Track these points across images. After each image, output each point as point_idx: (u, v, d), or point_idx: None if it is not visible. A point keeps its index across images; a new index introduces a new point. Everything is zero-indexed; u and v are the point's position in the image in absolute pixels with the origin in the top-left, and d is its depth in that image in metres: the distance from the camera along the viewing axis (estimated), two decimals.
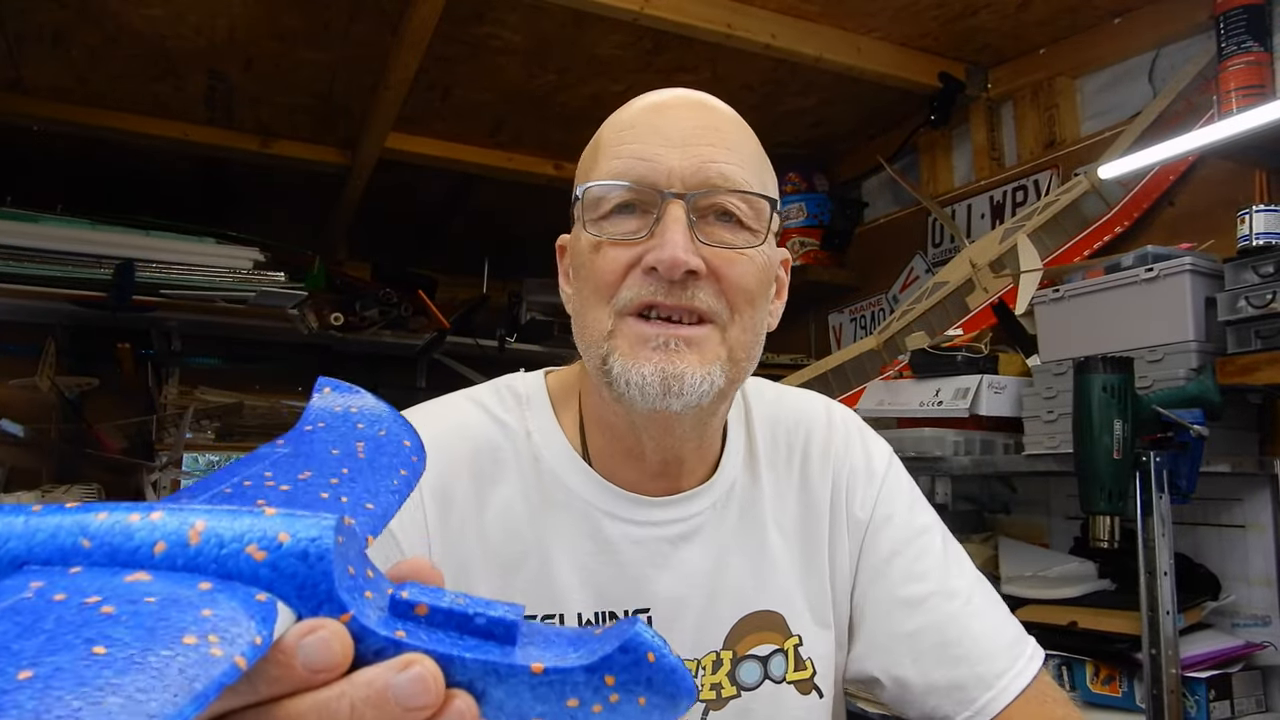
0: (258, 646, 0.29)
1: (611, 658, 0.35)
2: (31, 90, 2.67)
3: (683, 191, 0.76)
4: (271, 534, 0.32)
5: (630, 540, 0.83)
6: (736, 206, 0.77)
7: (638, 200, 0.77)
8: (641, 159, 0.77)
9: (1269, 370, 1.66)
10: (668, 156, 0.76)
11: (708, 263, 0.75)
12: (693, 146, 0.77)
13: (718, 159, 0.77)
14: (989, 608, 0.90)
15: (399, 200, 3.46)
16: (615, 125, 0.83)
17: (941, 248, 2.92)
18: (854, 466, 0.94)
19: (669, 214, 0.75)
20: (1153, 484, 1.58)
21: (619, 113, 0.85)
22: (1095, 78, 2.48)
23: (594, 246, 0.78)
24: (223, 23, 2.33)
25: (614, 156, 0.78)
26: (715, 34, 2.29)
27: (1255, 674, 1.76)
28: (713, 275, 0.75)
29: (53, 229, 2.56)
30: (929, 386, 2.13)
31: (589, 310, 0.78)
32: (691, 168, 0.76)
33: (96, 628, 0.27)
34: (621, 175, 0.77)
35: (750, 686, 0.86)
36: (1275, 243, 1.70)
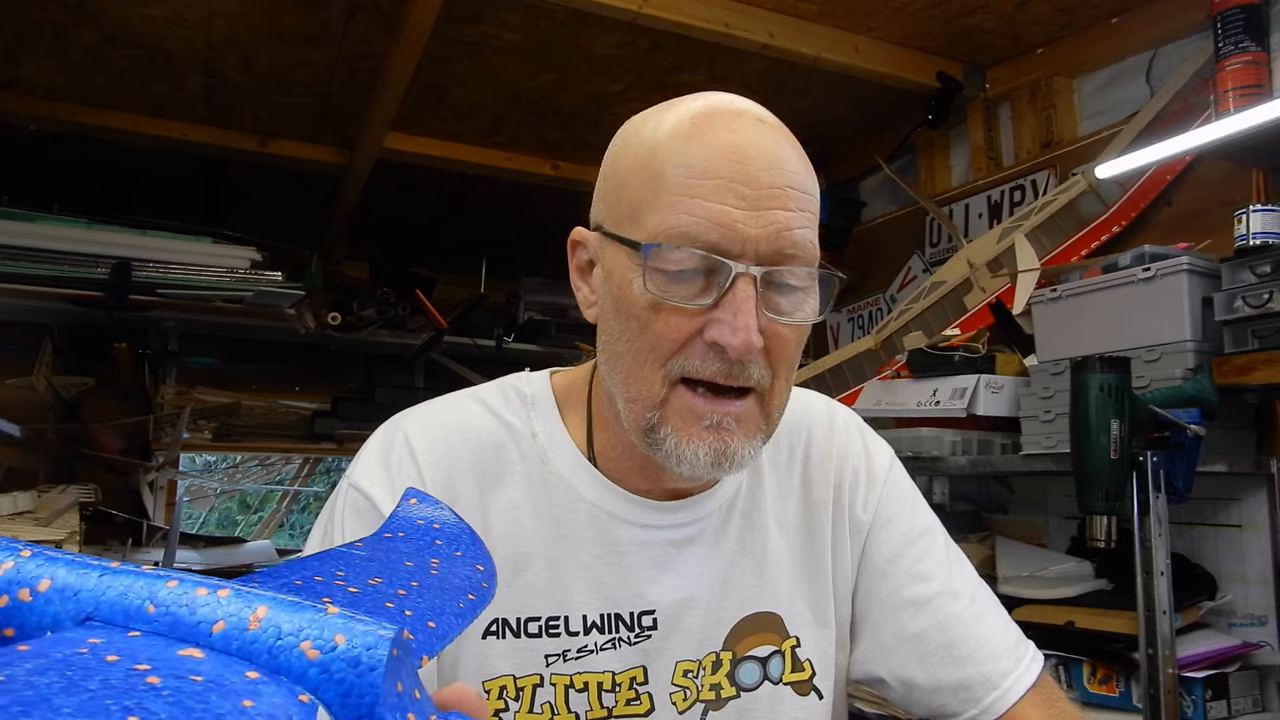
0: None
1: None
2: (29, 89, 2.67)
3: (755, 262, 0.71)
4: (329, 634, 0.31)
5: (636, 543, 0.83)
6: (798, 275, 0.74)
7: (706, 266, 0.72)
8: (717, 224, 0.71)
9: (1266, 370, 1.66)
10: (744, 224, 0.71)
11: (764, 335, 0.73)
12: (768, 211, 0.72)
13: (793, 225, 0.72)
14: (991, 609, 0.91)
15: (397, 200, 3.46)
16: (684, 165, 0.73)
17: (939, 247, 2.92)
18: (856, 468, 0.93)
19: (740, 290, 0.71)
20: (1149, 484, 1.58)
21: (686, 144, 0.74)
22: (1092, 78, 2.48)
23: (652, 305, 0.73)
24: (220, 22, 2.33)
25: (684, 211, 0.71)
26: (713, 34, 2.29)
27: (1252, 674, 1.76)
28: (765, 352, 0.74)
29: (49, 228, 2.56)
30: (926, 386, 2.13)
31: (639, 366, 0.75)
32: (766, 237, 0.71)
33: (137, 697, 0.27)
34: (693, 238, 0.71)
35: (750, 687, 0.86)
36: (1272, 242, 1.71)
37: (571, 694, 0.80)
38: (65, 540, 1.99)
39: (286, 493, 7.62)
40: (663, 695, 0.83)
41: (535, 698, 0.80)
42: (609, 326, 0.79)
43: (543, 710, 0.80)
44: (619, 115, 0.88)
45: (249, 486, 7.43)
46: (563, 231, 0.89)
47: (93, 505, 2.62)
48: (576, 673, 0.81)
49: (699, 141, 0.74)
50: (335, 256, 3.51)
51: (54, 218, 2.59)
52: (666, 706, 0.82)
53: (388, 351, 3.42)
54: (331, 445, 3.56)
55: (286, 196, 3.41)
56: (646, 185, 0.75)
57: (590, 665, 0.81)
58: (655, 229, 0.72)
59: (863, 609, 0.92)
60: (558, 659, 0.81)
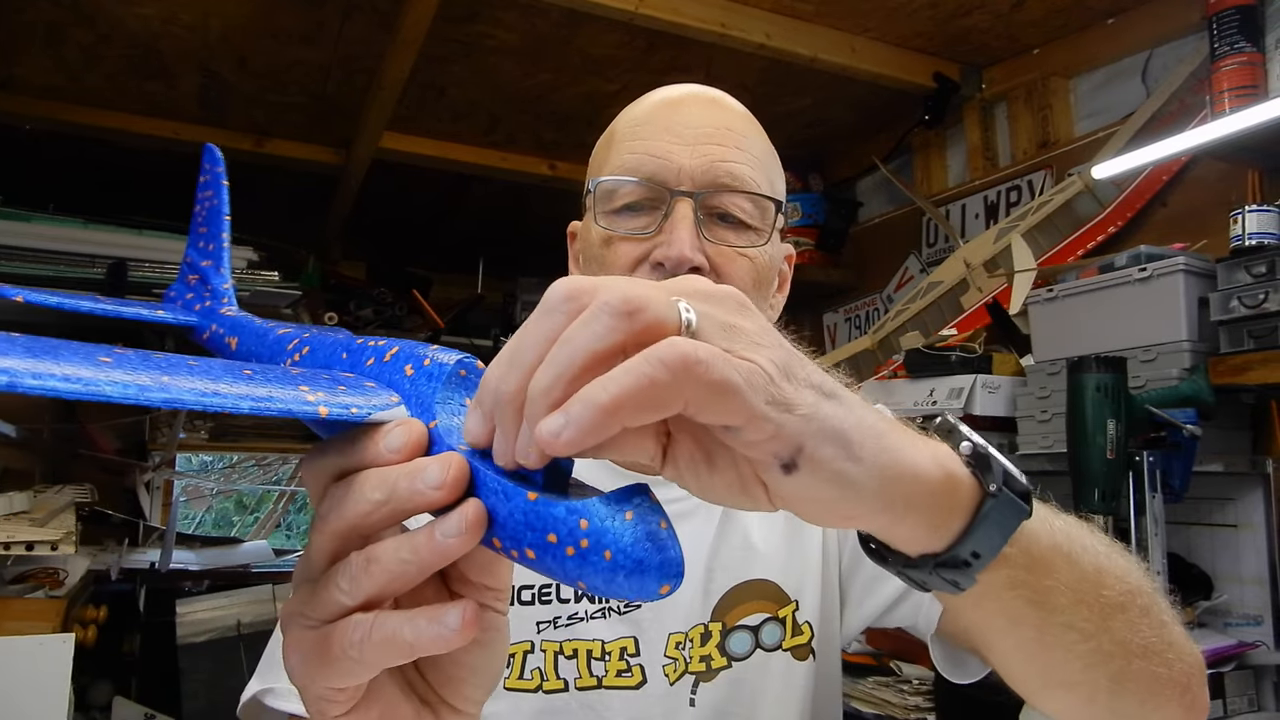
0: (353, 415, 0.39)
1: (592, 504, 0.37)
2: (23, 89, 2.66)
3: (692, 190, 0.78)
4: (422, 357, 0.43)
5: None
6: (741, 208, 0.80)
7: (648, 197, 0.80)
8: (653, 155, 0.79)
9: (1261, 370, 1.66)
10: (679, 154, 0.79)
11: (710, 260, 0.78)
12: (703, 145, 0.79)
13: (728, 158, 0.79)
14: None
15: (393, 200, 3.46)
16: (629, 119, 0.85)
17: (936, 247, 2.93)
18: None
19: (677, 211, 0.78)
20: (1146, 483, 1.58)
21: (633, 107, 0.87)
22: (1089, 78, 2.49)
23: (604, 240, 0.81)
24: (216, 22, 2.33)
25: (627, 151, 0.81)
26: (710, 34, 2.29)
27: (1247, 673, 1.76)
28: (715, 273, 0.78)
29: (45, 228, 2.55)
30: (923, 386, 2.14)
31: None
32: (701, 167, 0.79)
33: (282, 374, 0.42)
34: (633, 171, 0.80)
35: (741, 656, 0.85)
36: (1268, 243, 1.71)
37: (561, 660, 0.82)
38: (61, 540, 1.99)
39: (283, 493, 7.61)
40: (655, 667, 0.83)
41: (525, 664, 0.81)
42: None
43: (532, 676, 0.81)
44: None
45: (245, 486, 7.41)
46: (560, 231, 0.90)
47: (89, 505, 2.61)
48: (566, 639, 0.82)
49: (644, 103, 0.86)
50: (332, 256, 3.50)
51: (49, 217, 2.59)
52: (659, 679, 0.83)
53: None
54: None
55: (283, 196, 3.40)
56: (603, 150, 0.86)
57: (580, 633, 0.83)
58: (605, 174, 0.82)
59: (846, 578, 0.91)
60: (548, 625, 0.82)
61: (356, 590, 0.39)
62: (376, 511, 0.39)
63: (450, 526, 0.37)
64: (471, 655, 0.45)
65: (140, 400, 0.35)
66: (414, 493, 0.38)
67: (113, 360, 0.38)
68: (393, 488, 0.38)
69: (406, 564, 0.38)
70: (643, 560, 0.36)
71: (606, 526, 0.36)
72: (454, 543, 0.37)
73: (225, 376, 0.39)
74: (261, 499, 8.02)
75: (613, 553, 0.36)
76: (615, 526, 0.36)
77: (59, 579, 2.11)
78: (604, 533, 0.36)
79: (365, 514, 0.39)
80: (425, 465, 0.38)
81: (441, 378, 0.42)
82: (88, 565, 2.35)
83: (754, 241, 0.80)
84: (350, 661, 0.39)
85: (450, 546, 0.37)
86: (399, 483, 0.38)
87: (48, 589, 2.06)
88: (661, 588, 0.36)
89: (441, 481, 0.37)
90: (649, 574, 0.36)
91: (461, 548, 0.38)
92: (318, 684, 0.41)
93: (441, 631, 0.38)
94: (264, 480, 7.08)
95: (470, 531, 0.37)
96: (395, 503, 0.38)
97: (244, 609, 3.03)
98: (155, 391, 0.36)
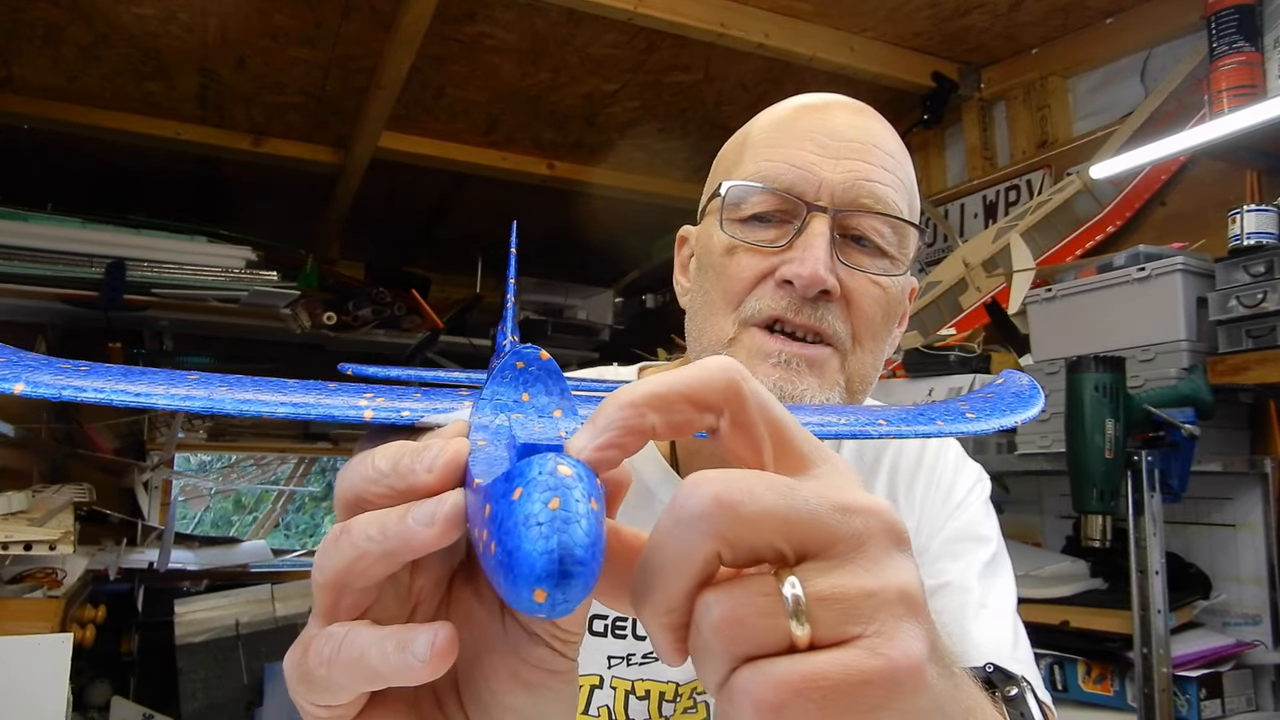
0: (403, 417, 0.39)
1: (496, 482, 0.30)
2: (22, 89, 2.66)
3: (830, 206, 0.71)
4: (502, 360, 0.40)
5: None
6: (880, 232, 0.73)
7: (781, 208, 0.73)
8: (793, 165, 0.72)
9: (1260, 369, 1.66)
10: (820, 167, 0.72)
11: (842, 284, 0.71)
12: (847, 160, 0.72)
13: (872, 177, 0.72)
14: (1002, 622, 0.80)
15: (392, 199, 3.46)
16: (768, 123, 0.78)
17: (935, 247, 2.93)
18: (944, 485, 0.88)
19: (812, 228, 0.71)
20: (1144, 483, 1.58)
21: (774, 109, 0.80)
22: (1087, 78, 2.49)
23: (728, 248, 0.74)
24: (214, 21, 2.33)
25: (764, 158, 0.74)
26: (709, 33, 2.29)
27: (1246, 673, 1.76)
28: (844, 299, 0.72)
29: (43, 228, 2.55)
30: (922, 386, 2.14)
31: (712, 314, 0.75)
32: (844, 183, 0.72)
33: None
34: (770, 178, 0.73)
35: None
36: (1266, 242, 1.71)
37: (632, 700, 0.78)
38: (59, 540, 1.99)
39: (282, 492, 7.60)
40: None
41: (592, 699, 0.77)
42: (694, 292, 0.79)
43: (599, 714, 0.77)
44: (614, 114, 0.88)
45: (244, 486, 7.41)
46: (560, 231, 0.89)
47: (87, 505, 2.61)
48: (639, 679, 0.78)
49: (785, 107, 0.79)
50: (330, 256, 3.50)
51: (48, 217, 2.59)
52: None
53: (383, 351, 3.41)
54: (327, 445, 3.56)
55: (281, 196, 3.40)
56: (736, 152, 0.79)
57: (655, 673, 0.78)
58: (738, 179, 0.75)
59: None
60: (621, 662, 0.78)
61: (325, 564, 0.35)
62: (379, 482, 0.36)
63: (422, 513, 0.33)
64: (518, 698, 0.38)
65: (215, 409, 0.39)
66: (409, 470, 0.35)
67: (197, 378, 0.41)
68: (397, 461, 0.35)
69: (372, 542, 0.34)
70: (512, 553, 0.27)
71: (498, 510, 0.29)
72: (422, 531, 0.33)
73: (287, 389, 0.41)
74: (260, 499, 8.01)
75: (496, 544, 0.28)
76: (503, 509, 0.29)
77: (57, 579, 2.11)
78: (495, 519, 0.29)
79: (370, 481, 0.36)
80: (428, 446, 0.35)
81: (496, 371, 0.39)
82: (86, 565, 2.35)
83: (889, 270, 0.73)
84: (322, 679, 0.35)
85: (417, 535, 0.33)
86: (403, 457, 0.35)
87: (46, 589, 2.06)
88: (535, 593, 0.27)
89: (432, 464, 0.34)
90: (518, 573, 0.27)
91: (431, 540, 0.33)
92: (300, 697, 0.37)
93: (407, 660, 0.32)
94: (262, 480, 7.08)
95: (441, 524, 0.32)
96: (394, 478, 0.35)
97: (242, 609, 3.03)
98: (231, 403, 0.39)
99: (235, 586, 3.12)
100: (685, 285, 0.83)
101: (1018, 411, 0.53)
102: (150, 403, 0.39)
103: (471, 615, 0.39)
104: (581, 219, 3.33)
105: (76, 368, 0.41)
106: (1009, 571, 0.87)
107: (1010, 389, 0.57)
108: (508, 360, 0.39)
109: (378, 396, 0.41)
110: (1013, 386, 0.57)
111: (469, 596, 0.39)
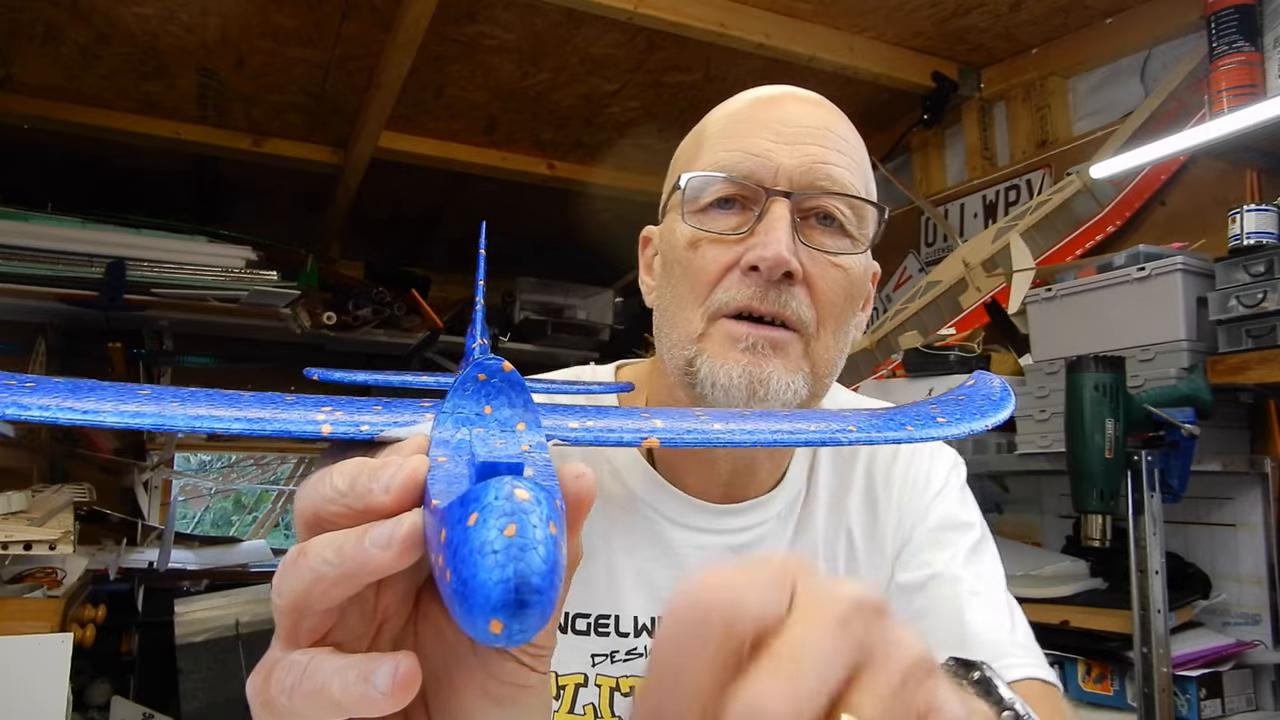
0: (362, 432, 0.38)
1: (451, 506, 0.29)
2: (22, 88, 2.66)
3: (789, 190, 0.73)
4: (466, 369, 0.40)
5: (693, 546, 0.81)
6: (841, 211, 0.74)
7: (741, 195, 0.74)
8: (750, 153, 0.74)
9: (1260, 369, 1.66)
10: (777, 153, 0.73)
11: (805, 268, 0.72)
12: (802, 145, 0.74)
13: (828, 160, 0.74)
14: (997, 607, 0.81)
15: (392, 199, 3.46)
16: (722, 116, 0.80)
17: (934, 247, 2.93)
18: (922, 476, 0.89)
19: (773, 212, 0.72)
20: (1144, 483, 1.58)
21: (728, 103, 0.82)
22: (1087, 78, 2.49)
23: (691, 242, 0.75)
24: (214, 21, 2.32)
25: (721, 149, 0.76)
26: (708, 33, 2.29)
27: (1246, 672, 1.76)
28: (806, 282, 0.73)
29: (43, 227, 2.55)
30: (922, 386, 2.13)
31: (680, 309, 0.76)
32: (801, 167, 0.73)
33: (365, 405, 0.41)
34: (727, 168, 0.74)
35: None
36: (1266, 242, 1.71)
37: (617, 697, 0.78)
38: (59, 540, 1.99)
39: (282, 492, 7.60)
40: None
41: (577, 698, 0.78)
42: (660, 289, 0.80)
43: (585, 712, 0.78)
44: (614, 114, 0.88)
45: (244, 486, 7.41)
46: (559, 230, 0.89)
47: (87, 505, 2.61)
48: (623, 675, 0.79)
49: (740, 101, 0.80)
50: (330, 256, 3.50)
51: (48, 217, 2.59)
52: None
53: (383, 351, 3.41)
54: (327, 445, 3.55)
55: (281, 196, 3.40)
56: (693, 148, 0.80)
57: (639, 669, 0.79)
58: (695, 171, 0.76)
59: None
60: (605, 660, 0.79)
61: (283, 587, 0.35)
62: (336, 502, 0.35)
63: (379, 536, 0.32)
64: (488, 714, 0.38)
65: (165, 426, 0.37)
66: (366, 490, 0.34)
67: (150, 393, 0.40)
68: (354, 480, 0.35)
69: (329, 566, 0.33)
70: (467, 581, 0.27)
71: (453, 535, 0.28)
72: (378, 554, 0.32)
73: (241, 403, 0.39)
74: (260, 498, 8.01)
75: (451, 572, 0.28)
76: (459, 535, 0.28)
77: (57, 578, 2.11)
78: (450, 545, 0.28)
79: (327, 500, 0.35)
80: (385, 465, 0.35)
81: (458, 384, 0.39)
82: (86, 565, 2.35)
83: (849, 249, 0.75)
84: (284, 708, 0.34)
85: (374, 559, 0.32)
86: (360, 475, 0.35)
87: (46, 588, 2.06)
88: (491, 623, 0.27)
89: (389, 484, 0.33)
90: (474, 600, 0.27)
91: (388, 564, 0.32)
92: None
93: (368, 692, 0.32)
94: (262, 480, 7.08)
95: (398, 548, 0.32)
96: (351, 497, 0.35)
97: (242, 608, 3.03)
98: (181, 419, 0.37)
99: (235, 586, 3.11)
100: (651, 284, 0.84)
101: (989, 415, 0.52)
102: (98, 420, 0.37)
103: (440, 630, 0.38)
104: (581, 219, 3.33)
105: (22, 383, 0.39)
106: (994, 552, 0.89)
107: (981, 391, 0.56)
108: (469, 372, 0.38)
109: (336, 409, 0.40)
110: (983, 389, 0.56)
111: (437, 611, 0.39)
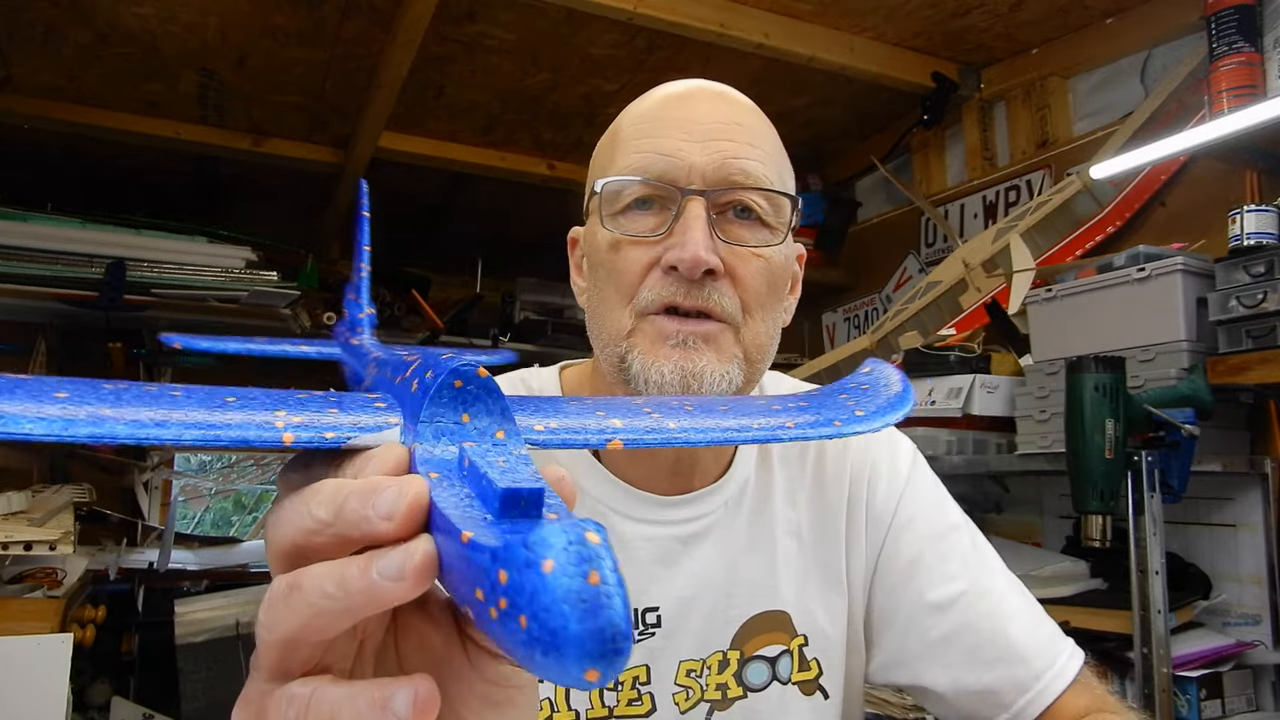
0: (327, 440, 0.35)
1: (514, 548, 0.28)
2: (21, 88, 2.66)
3: (703, 188, 0.74)
4: (425, 369, 0.38)
5: (642, 538, 0.82)
6: (757, 204, 0.76)
7: (656, 196, 0.76)
8: (662, 154, 0.75)
9: (1260, 370, 1.66)
10: (689, 152, 0.75)
11: (724, 261, 0.74)
12: (714, 141, 0.75)
13: (740, 154, 0.75)
14: (1024, 607, 0.87)
15: (392, 199, 3.45)
16: (634, 117, 0.81)
17: (934, 247, 2.93)
18: (875, 463, 0.91)
19: (689, 211, 0.73)
20: (1144, 483, 1.58)
21: (637, 103, 0.83)
22: (1087, 78, 2.49)
23: (612, 245, 0.76)
24: (214, 21, 2.32)
25: (634, 150, 0.77)
26: (708, 33, 2.29)
27: (1246, 673, 1.76)
28: (729, 275, 0.74)
29: (43, 228, 2.55)
30: (922, 386, 2.13)
31: (608, 309, 0.77)
32: (713, 164, 0.75)
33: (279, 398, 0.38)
34: (641, 170, 0.75)
35: (757, 688, 0.84)
36: (1266, 242, 1.71)
37: (572, 692, 0.79)
38: (59, 540, 1.99)
39: None
40: (665, 695, 0.81)
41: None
42: (589, 291, 0.82)
43: (542, 707, 0.78)
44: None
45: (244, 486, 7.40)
46: (559, 231, 0.89)
47: (87, 505, 2.61)
48: None
49: (651, 99, 0.82)
50: (330, 256, 3.50)
51: (48, 217, 2.59)
52: (669, 706, 0.81)
53: None
54: None
55: (281, 196, 3.40)
56: (608, 150, 0.81)
57: None
58: (612, 175, 0.77)
59: (885, 613, 0.88)
60: None
61: (274, 622, 0.32)
62: (321, 532, 0.32)
63: (389, 566, 0.30)
64: (486, 718, 0.38)
65: (64, 438, 0.32)
66: (362, 519, 0.31)
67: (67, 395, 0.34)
68: (340, 508, 0.32)
69: (331, 600, 0.31)
70: (557, 632, 0.26)
71: (523, 581, 0.27)
72: (391, 587, 0.30)
73: (186, 406, 0.34)
74: (260, 499, 8.01)
75: (528, 619, 0.27)
76: (532, 582, 0.27)
77: (57, 579, 2.11)
78: (519, 590, 0.27)
79: (309, 532, 0.33)
80: (381, 486, 0.31)
81: (429, 392, 0.36)
82: (86, 565, 2.35)
83: (769, 240, 0.77)
84: None
85: (385, 591, 0.30)
86: (349, 502, 0.32)
87: (46, 589, 2.06)
88: (587, 673, 0.27)
89: (392, 511, 0.31)
90: (567, 651, 0.26)
91: (400, 594, 0.30)
92: None
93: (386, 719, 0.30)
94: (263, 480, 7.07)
95: (412, 578, 0.30)
96: (341, 526, 0.32)
97: (243, 609, 3.03)
98: (83, 426, 0.32)
99: (235, 586, 3.11)
100: (581, 285, 0.85)
101: (897, 409, 0.51)
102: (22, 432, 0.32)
103: (425, 641, 0.37)
104: (581, 219, 3.33)
105: None
106: (985, 541, 0.91)
107: (881, 382, 0.55)
108: (445, 378, 0.36)
109: (291, 412, 0.36)
110: (882, 379, 0.56)
111: (419, 622, 0.37)
